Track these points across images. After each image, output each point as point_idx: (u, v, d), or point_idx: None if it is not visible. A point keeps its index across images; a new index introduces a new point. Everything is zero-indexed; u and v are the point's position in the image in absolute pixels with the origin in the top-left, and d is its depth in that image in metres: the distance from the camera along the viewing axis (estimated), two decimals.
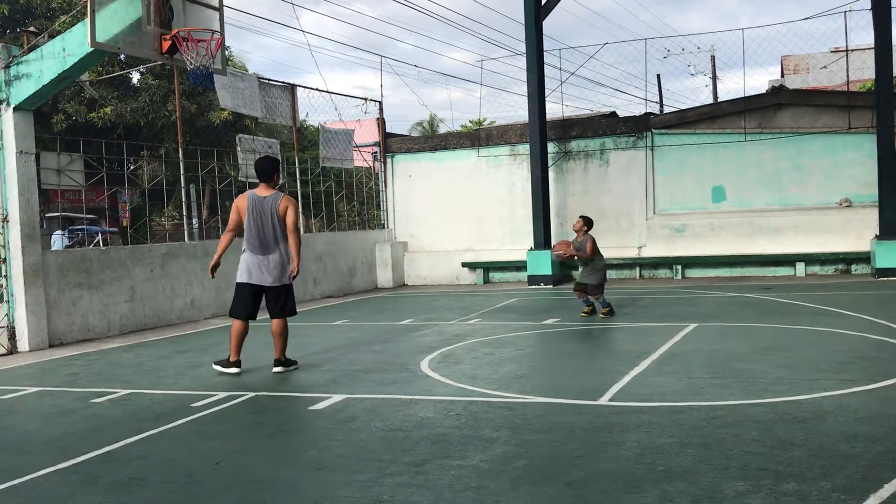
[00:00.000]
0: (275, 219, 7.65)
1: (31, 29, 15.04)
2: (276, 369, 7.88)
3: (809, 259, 15.74)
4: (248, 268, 7.72)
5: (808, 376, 6.52)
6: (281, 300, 7.81)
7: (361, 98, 18.50)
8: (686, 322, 9.97)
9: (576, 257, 11.09)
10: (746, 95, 17.00)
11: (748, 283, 14.77)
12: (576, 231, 11.25)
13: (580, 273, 11.29)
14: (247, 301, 7.75)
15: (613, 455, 4.64)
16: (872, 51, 15.42)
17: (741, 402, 5.72)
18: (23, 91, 10.00)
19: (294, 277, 7.83)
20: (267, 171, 7.77)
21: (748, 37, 16.84)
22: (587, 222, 11.19)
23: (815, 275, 15.69)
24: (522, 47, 16.94)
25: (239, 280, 7.80)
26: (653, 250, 16.99)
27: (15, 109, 10.10)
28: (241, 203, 7.75)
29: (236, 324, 7.84)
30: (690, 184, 16.90)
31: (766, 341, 8.37)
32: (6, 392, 7.54)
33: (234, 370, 7.87)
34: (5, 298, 10.29)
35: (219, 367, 8.00)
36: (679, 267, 16.62)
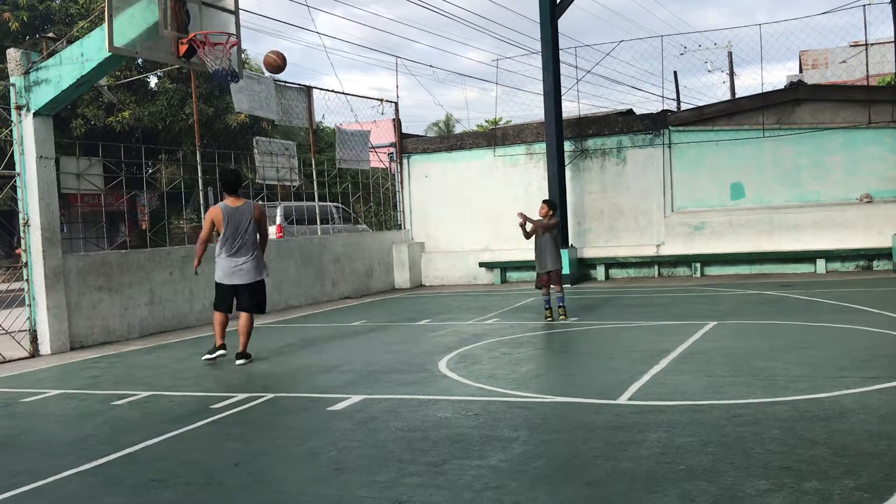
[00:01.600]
0: (251, 225, 8.71)
1: (50, 35, 15.17)
2: (238, 362, 8.64)
3: (830, 256, 15.60)
4: (224, 271, 8.72)
5: (829, 374, 6.46)
6: (254, 297, 8.83)
7: (377, 99, 18.54)
8: (705, 320, 9.91)
9: (539, 230, 10.86)
10: (764, 91, 16.88)
11: (768, 281, 14.66)
12: (542, 216, 10.99)
13: (539, 262, 10.97)
14: (226, 298, 8.80)
15: (633, 454, 4.62)
16: (892, 44, 15.27)
17: (762, 401, 5.68)
18: (42, 97, 10.10)
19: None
20: (233, 183, 8.81)
21: (765, 32, 16.77)
22: (551, 206, 11.10)
23: (836, 271, 15.55)
24: (538, 46, 16.91)
25: (217, 280, 8.83)
26: (671, 248, 16.90)
27: (35, 115, 10.19)
28: (215, 215, 8.65)
29: (218, 315, 8.82)
30: (708, 181, 16.80)
31: (786, 339, 8.30)
32: (29, 395, 7.62)
33: (220, 352, 8.74)
34: (27, 302, 10.39)
35: (208, 356, 8.77)
36: (698, 265, 16.52)
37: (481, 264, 18.13)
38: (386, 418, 5.83)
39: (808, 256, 15.73)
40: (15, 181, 10.36)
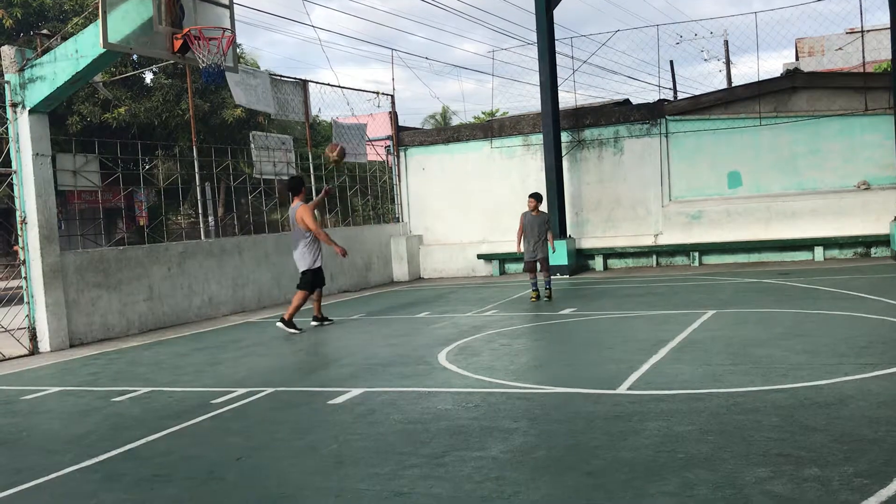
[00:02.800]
0: (294, 224, 10.45)
1: (44, 32, 15.15)
2: (277, 323, 10.56)
3: (828, 243, 15.61)
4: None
5: (828, 361, 6.47)
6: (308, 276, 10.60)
7: (373, 92, 18.50)
8: (704, 309, 9.92)
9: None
10: (761, 80, 16.85)
11: (766, 269, 14.68)
12: (531, 209, 12.00)
13: (530, 250, 12.00)
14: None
15: (633, 444, 4.63)
16: (889, 31, 15.25)
17: (761, 389, 5.69)
18: (37, 94, 10.07)
19: (345, 255, 10.45)
20: (290, 187, 10.91)
21: (761, 20, 16.76)
22: (538, 199, 12.06)
23: (834, 259, 15.56)
24: (534, 37, 16.88)
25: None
26: (669, 238, 16.91)
27: (30, 112, 10.17)
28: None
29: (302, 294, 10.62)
30: (706, 170, 16.80)
31: (784, 327, 8.32)
32: (29, 392, 7.62)
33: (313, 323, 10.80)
34: (26, 300, 10.39)
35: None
36: (696, 254, 16.54)
37: (479, 256, 18.14)
38: (386, 411, 5.84)
39: (806, 244, 15.75)
40: (11, 179, 10.34)
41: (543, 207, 12.40)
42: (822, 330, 8.04)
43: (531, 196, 12.10)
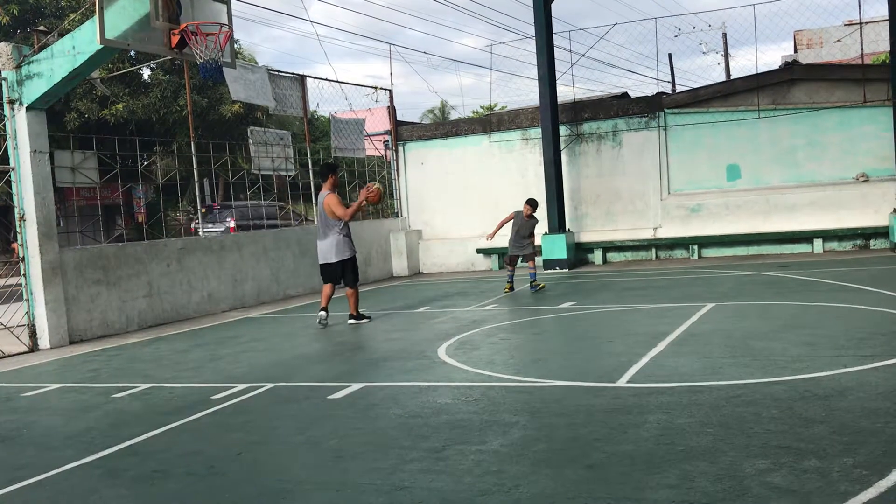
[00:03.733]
0: (322, 212, 10.16)
1: (41, 28, 15.09)
2: (350, 322, 10.33)
3: (827, 235, 15.61)
4: (319, 253, 10.41)
5: (827, 353, 6.48)
6: (345, 272, 10.25)
7: (371, 87, 18.48)
8: (703, 302, 9.93)
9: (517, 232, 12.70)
10: (759, 72, 16.84)
11: (765, 262, 14.68)
12: (526, 216, 12.63)
13: (515, 245, 12.76)
14: (323, 273, 10.41)
15: (633, 436, 4.63)
16: (887, 23, 15.24)
17: (760, 381, 5.70)
18: (35, 90, 10.05)
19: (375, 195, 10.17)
20: (321, 173, 10.57)
21: (760, 12, 16.69)
22: (534, 207, 12.70)
23: (833, 251, 15.57)
24: (532, 31, 16.85)
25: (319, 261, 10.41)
26: (668, 231, 16.91)
27: (28, 109, 10.15)
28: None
29: (325, 286, 10.47)
30: (705, 163, 16.79)
31: (784, 319, 8.32)
32: (29, 389, 7.62)
33: (322, 314, 10.32)
34: (25, 297, 10.39)
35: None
36: (695, 247, 16.54)
37: (479, 251, 18.13)
38: (386, 405, 5.84)
39: (805, 236, 15.75)
40: (9, 176, 10.33)
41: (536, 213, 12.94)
42: (822, 322, 8.04)
43: (529, 203, 12.68)
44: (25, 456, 5.29)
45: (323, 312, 10.35)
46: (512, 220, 12.79)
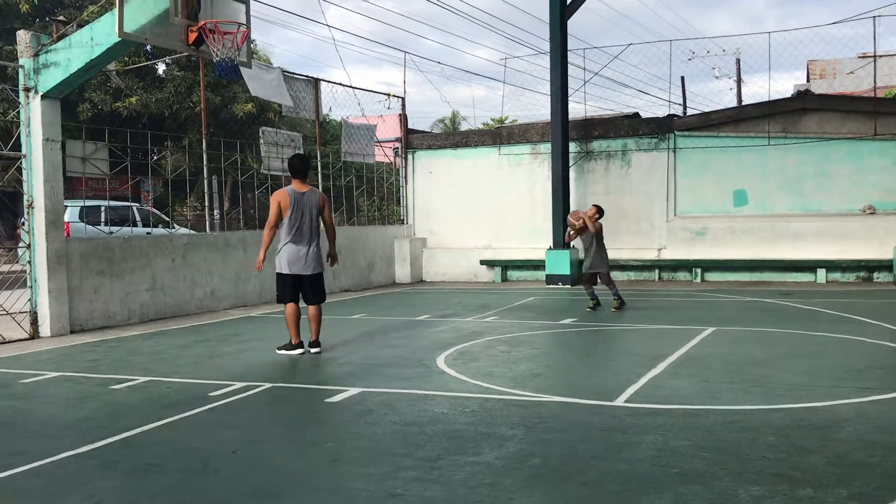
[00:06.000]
0: (314, 213, 8.38)
1: (60, 18, 15.17)
2: (313, 350, 8.51)
3: (831, 266, 15.60)
4: (289, 259, 8.35)
5: (826, 383, 6.47)
6: (317, 287, 8.55)
7: (384, 94, 18.54)
8: (704, 325, 9.93)
9: (583, 231, 11.68)
10: (771, 99, 16.87)
11: (768, 289, 14.67)
12: (589, 217, 11.72)
13: (588, 261, 11.83)
14: (289, 288, 8.45)
15: (628, 456, 4.64)
16: None
17: (758, 407, 5.70)
18: (50, 79, 10.11)
19: (334, 264, 8.86)
20: (301, 168, 8.45)
21: (774, 40, 16.68)
22: (600, 211, 11.83)
23: (836, 282, 15.55)
24: (546, 46, 16.92)
25: (280, 271, 8.44)
26: (673, 252, 16.91)
27: (42, 97, 10.20)
28: (282, 198, 8.27)
29: (289, 308, 8.47)
30: (712, 187, 16.81)
31: (784, 347, 8.32)
32: (27, 376, 7.64)
33: (298, 351, 8.46)
34: (29, 284, 10.42)
35: (283, 352, 8.51)
36: (699, 270, 16.54)
37: (482, 262, 18.15)
38: (383, 412, 5.85)
39: (809, 265, 15.75)
40: (21, 163, 10.38)
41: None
42: (822, 352, 8.04)
43: (595, 206, 11.92)
44: (21, 442, 5.30)
45: (302, 349, 8.52)
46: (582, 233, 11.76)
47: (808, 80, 30.69)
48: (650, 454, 4.65)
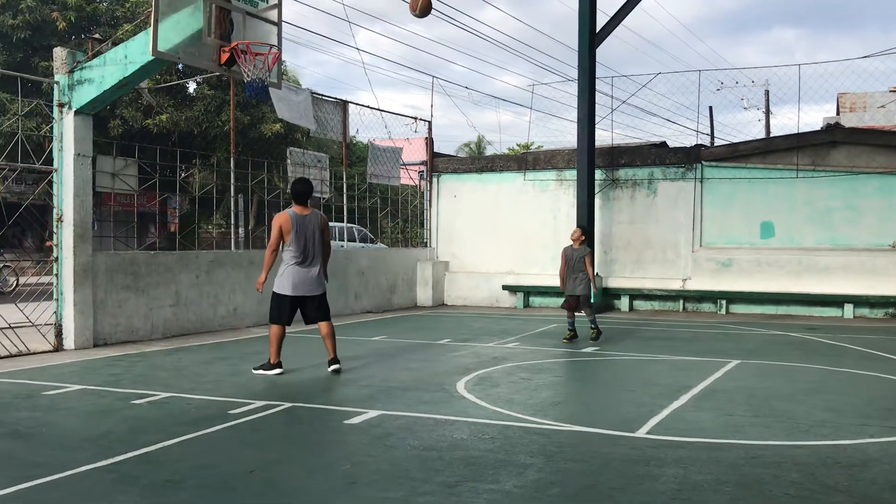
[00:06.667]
0: (317, 235, 8.46)
1: (96, 36, 15.46)
2: (333, 368, 8.57)
3: (858, 301, 15.39)
4: (293, 281, 8.39)
5: (852, 421, 6.36)
6: (323, 306, 8.61)
7: (411, 117, 18.64)
8: (728, 358, 9.81)
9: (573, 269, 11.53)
10: (800, 132, 16.76)
11: (794, 322, 14.50)
12: (573, 240, 11.66)
13: (571, 284, 11.57)
14: (287, 310, 8.47)
15: (649, 489, 4.57)
16: None
17: (782, 443, 5.61)
18: (84, 95, 10.27)
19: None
20: (306, 192, 8.53)
21: (804, 73, 16.64)
22: (585, 232, 11.80)
23: (864, 317, 15.33)
24: (574, 73, 16.98)
25: (282, 292, 8.44)
26: (697, 283, 16.77)
27: (76, 113, 10.37)
28: (284, 221, 8.34)
29: (278, 329, 8.48)
30: (739, 218, 16.68)
31: (809, 382, 8.19)
32: (51, 388, 7.70)
33: (277, 371, 8.47)
34: (55, 296, 10.53)
35: (261, 371, 8.50)
36: (724, 302, 16.38)
37: (505, 287, 18.10)
38: (402, 435, 5.82)
39: (836, 300, 15.54)
40: (52, 177, 10.53)
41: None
42: (848, 389, 7.91)
43: (579, 227, 12.02)
44: (42, 454, 5.33)
45: (280, 370, 8.49)
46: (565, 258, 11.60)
47: (837, 113, 30.50)
48: (671, 487, 4.58)
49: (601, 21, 16.77)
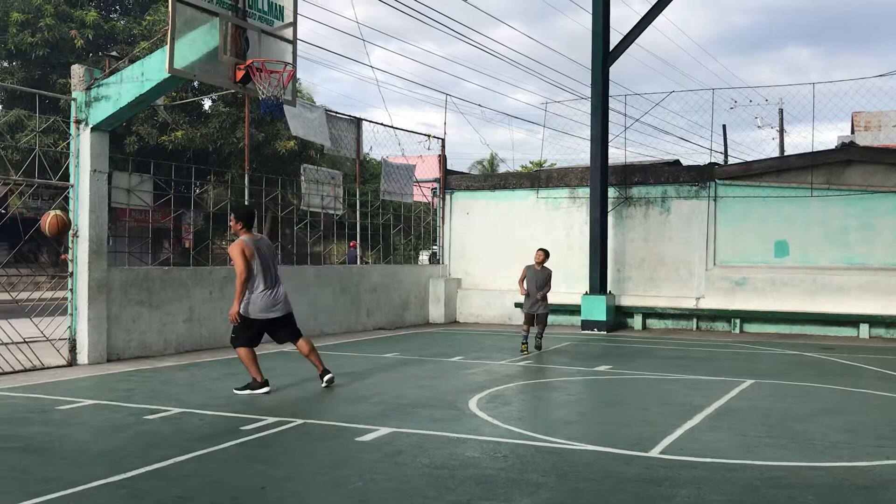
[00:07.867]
0: (273, 257, 8.68)
1: (113, 54, 15.63)
2: (326, 378, 8.68)
3: (874, 321, 15.26)
4: (265, 305, 8.39)
5: (868, 442, 6.29)
6: (291, 324, 8.67)
7: (425, 135, 18.71)
8: (743, 378, 9.74)
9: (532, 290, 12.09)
10: (815, 150, 16.70)
11: (808, 342, 14.38)
12: (537, 262, 12.21)
13: (530, 303, 12.19)
14: (257, 334, 8.52)
15: None
16: None
17: (797, 464, 5.55)
18: (101, 112, 10.37)
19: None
20: (252, 217, 8.68)
21: (818, 91, 16.59)
22: (546, 254, 12.33)
23: (880, 337, 15.20)
24: (587, 91, 16.98)
25: (253, 317, 8.37)
26: (711, 302, 16.68)
27: (92, 129, 10.46)
28: (247, 249, 8.33)
29: (247, 350, 8.41)
30: (753, 237, 16.61)
31: (824, 403, 8.12)
32: (64, 403, 7.72)
33: (265, 389, 8.36)
34: (69, 311, 10.58)
35: (247, 392, 8.35)
36: (738, 321, 16.28)
37: (517, 305, 18.02)
38: (413, 453, 5.80)
39: (852, 320, 15.42)
40: (68, 192, 10.61)
41: (549, 264, 12.46)
42: (864, 409, 7.83)
43: (541, 249, 12.41)
44: (55, 469, 5.34)
45: (268, 388, 8.44)
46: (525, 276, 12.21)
47: (852, 132, 30.38)
48: None
49: (615, 40, 16.83)
